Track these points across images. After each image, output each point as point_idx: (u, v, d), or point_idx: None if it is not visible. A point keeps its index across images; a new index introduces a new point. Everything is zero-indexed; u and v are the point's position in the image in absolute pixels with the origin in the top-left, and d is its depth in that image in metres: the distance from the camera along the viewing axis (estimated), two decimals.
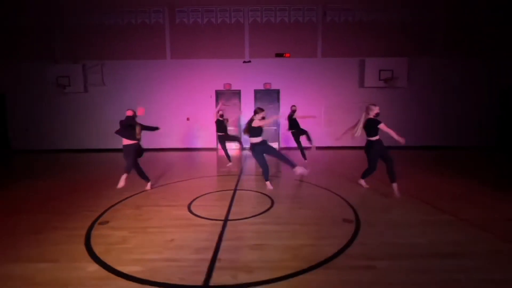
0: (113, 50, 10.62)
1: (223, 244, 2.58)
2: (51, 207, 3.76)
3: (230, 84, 10.71)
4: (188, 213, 3.49)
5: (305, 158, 7.25)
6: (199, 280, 2.01)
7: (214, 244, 2.60)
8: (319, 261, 2.25)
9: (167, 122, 10.50)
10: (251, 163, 7.21)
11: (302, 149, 7.37)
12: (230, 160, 7.02)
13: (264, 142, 4.43)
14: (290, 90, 10.65)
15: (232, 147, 9.91)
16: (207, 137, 10.97)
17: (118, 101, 10.67)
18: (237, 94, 10.90)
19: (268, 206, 3.68)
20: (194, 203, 3.87)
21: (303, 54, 10.63)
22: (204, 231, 2.91)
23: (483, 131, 10.48)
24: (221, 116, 7.11)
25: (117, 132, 4.26)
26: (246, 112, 10.70)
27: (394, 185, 4.06)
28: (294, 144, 7.79)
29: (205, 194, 4.31)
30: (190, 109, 10.82)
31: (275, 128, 11.03)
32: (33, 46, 10.55)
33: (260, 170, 4.58)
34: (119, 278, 2.04)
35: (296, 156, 6.98)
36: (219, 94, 10.88)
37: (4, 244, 2.62)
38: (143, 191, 4.47)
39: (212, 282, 1.99)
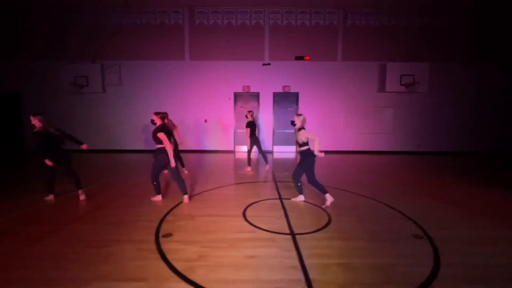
0: (131, 50, 10.50)
1: (307, 262, 2.49)
2: (101, 216, 3.66)
3: (249, 87, 10.62)
4: (248, 224, 3.41)
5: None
6: None
7: (296, 261, 2.52)
8: (418, 284, 2.17)
9: (185, 123, 10.42)
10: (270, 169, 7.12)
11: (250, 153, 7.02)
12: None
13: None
14: (309, 93, 10.59)
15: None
16: (225, 139, 10.88)
17: (135, 101, 10.56)
18: (256, 96, 10.81)
19: (326, 219, 3.60)
20: (247, 213, 3.78)
21: (323, 57, 10.57)
22: (276, 246, 2.83)
23: (506, 137, 10.48)
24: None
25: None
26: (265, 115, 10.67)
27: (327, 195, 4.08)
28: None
29: (253, 203, 4.22)
30: (208, 111, 10.73)
31: None
32: (49, 46, 10.41)
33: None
34: None
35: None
36: (237, 96, 10.79)
37: (73, 259, 2.52)
38: (194, 196, 4.37)
39: None
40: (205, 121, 10.82)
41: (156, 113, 4.12)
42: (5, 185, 5.37)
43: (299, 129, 4.07)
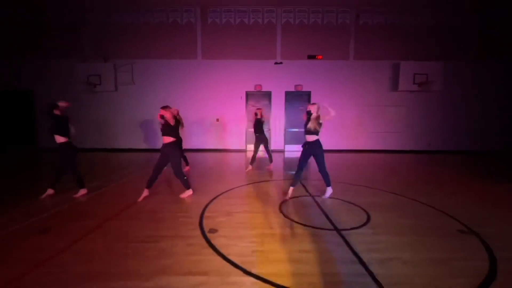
0: (143, 49, 10.49)
1: (363, 256, 2.49)
2: (135, 212, 3.64)
3: (261, 85, 10.62)
4: (288, 220, 3.40)
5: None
6: None
7: (352, 255, 2.51)
8: (481, 277, 2.18)
9: (196, 122, 10.42)
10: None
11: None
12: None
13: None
14: (321, 92, 10.59)
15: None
16: (236, 138, 10.87)
17: (147, 100, 10.55)
18: (268, 95, 10.81)
19: (364, 215, 3.60)
20: (283, 209, 3.77)
21: (335, 56, 10.58)
22: (325, 242, 2.82)
23: None
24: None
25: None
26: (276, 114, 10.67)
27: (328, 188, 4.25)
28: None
29: (285, 200, 4.20)
30: (220, 110, 10.72)
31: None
32: (61, 44, 10.39)
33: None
34: None
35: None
36: (249, 95, 10.79)
37: (129, 254, 2.50)
38: (222, 194, 4.35)
39: None
40: (217, 120, 10.81)
41: (164, 108, 4.10)
42: (32, 183, 5.35)
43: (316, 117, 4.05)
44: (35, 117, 10.51)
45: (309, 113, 4.16)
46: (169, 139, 4.07)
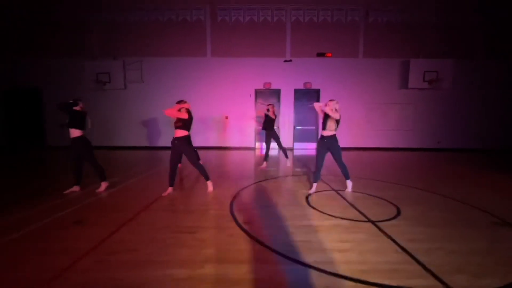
0: (152, 47, 10.48)
1: (406, 246, 2.49)
2: (164, 205, 3.64)
3: (270, 83, 10.62)
4: (319, 212, 3.39)
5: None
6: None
7: (394, 245, 2.51)
8: None
9: (206, 120, 10.41)
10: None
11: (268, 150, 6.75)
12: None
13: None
14: (330, 90, 10.60)
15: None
16: (246, 136, 10.87)
17: (156, 98, 10.53)
18: (277, 93, 10.81)
19: (393, 208, 3.60)
20: (311, 203, 3.77)
21: (344, 54, 10.59)
22: (362, 232, 2.82)
23: None
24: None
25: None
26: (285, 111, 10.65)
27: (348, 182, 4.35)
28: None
29: (310, 194, 4.20)
30: (229, 108, 10.72)
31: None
32: (71, 42, 10.37)
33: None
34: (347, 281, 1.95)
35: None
36: (258, 93, 10.79)
37: (173, 244, 2.49)
38: (242, 189, 4.35)
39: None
40: (226, 117, 10.80)
41: (179, 102, 4.13)
42: (52, 179, 5.34)
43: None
44: (44, 115, 10.46)
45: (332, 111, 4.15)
46: (182, 133, 4.07)
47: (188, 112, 4.10)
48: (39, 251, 2.34)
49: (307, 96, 10.85)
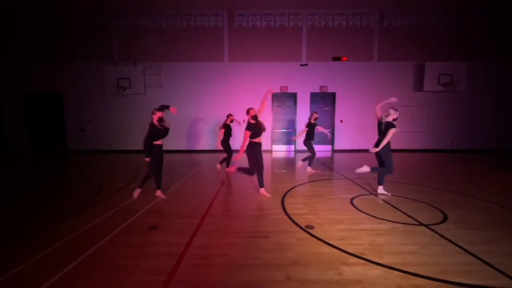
0: (171, 52, 10.67)
1: (469, 248, 2.69)
2: (220, 211, 3.83)
3: (286, 87, 10.82)
4: (368, 216, 3.59)
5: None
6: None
7: (455, 248, 2.71)
8: None
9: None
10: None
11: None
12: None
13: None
14: (345, 93, 10.80)
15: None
16: (263, 139, 11.00)
17: (174, 103, 10.66)
18: (293, 96, 11.01)
19: (437, 211, 3.80)
20: (358, 207, 3.97)
21: (359, 57, 10.80)
22: (418, 236, 3.01)
23: None
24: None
25: None
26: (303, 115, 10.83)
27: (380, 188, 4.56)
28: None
29: (353, 198, 4.40)
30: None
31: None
32: (90, 48, 10.55)
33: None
34: (412, 276, 2.15)
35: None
36: (274, 97, 10.98)
37: (251, 248, 2.68)
38: (287, 192, 4.55)
39: None
40: (243, 121, 10.95)
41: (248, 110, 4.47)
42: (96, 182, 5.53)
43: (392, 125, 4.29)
44: (65, 120, 10.66)
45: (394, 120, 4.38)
46: (259, 139, 4.28)
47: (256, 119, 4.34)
48: (145, 255, 2.54)
49: (322, 99, 11.05)
